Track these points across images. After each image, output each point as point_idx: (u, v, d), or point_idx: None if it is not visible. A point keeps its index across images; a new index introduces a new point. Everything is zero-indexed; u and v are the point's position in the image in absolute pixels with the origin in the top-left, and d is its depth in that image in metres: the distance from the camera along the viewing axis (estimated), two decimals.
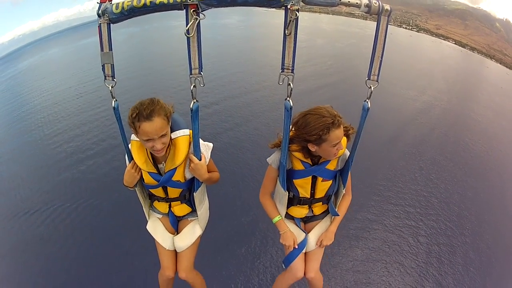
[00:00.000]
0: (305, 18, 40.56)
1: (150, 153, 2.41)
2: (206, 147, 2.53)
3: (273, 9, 1.92)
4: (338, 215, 2.74)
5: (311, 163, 2.49)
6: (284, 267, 2.83)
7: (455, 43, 42.30)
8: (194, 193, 2.60)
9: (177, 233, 2.85)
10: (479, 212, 6.72)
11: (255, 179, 6.81)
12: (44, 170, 8.38)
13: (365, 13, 1.96)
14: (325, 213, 2.87)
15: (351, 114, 2.31)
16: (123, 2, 1.84)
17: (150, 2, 1.79)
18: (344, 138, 2.41)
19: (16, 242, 6.06)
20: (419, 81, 16.23)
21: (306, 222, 2.90)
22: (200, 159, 2.40)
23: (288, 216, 2.82)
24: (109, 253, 5.49)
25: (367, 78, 2.13)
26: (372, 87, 2.14)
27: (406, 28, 48.00)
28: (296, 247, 2.70)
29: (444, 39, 43.78)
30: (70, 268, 5.28)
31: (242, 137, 9.07)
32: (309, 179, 2.56)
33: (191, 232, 2.79)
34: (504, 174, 8.42)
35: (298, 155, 2.45)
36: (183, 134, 2.43)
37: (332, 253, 5.23)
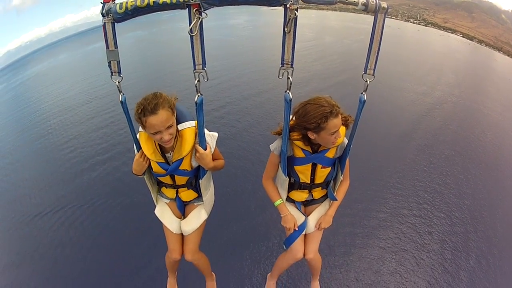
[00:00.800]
0: (312, 16, 40.49)
1: (158, 143, 2.47)
2: (211, 137, 2.58)
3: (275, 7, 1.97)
4: (337, 200, 2.82)
5: (311, 151, 2.56)
6: (285, 248, 2.92)
7: (463, 36, 41.67)
8: (200, 180, 2.67)
9: (184, 217, 2.92)
10: (491, 205, 6.66)
11: None
12: (58, 176, 8.52)
13: (362, 10, 1.98)
14: (324, 197, 2.94)
15: (365, 111, 2.33)
16: (126, 2, 1.87)
17: (153, 1, 1.82)
18: (343, 128, 2.47)
19: (32, 245, 6.19)
20: (430, 76, 16.09)
21: (306, 205, 2.98)
22: (205, 149, 2.47)
23: (289, 199, 2.90)
24: (119, 252, 5.63)
25: (363, 72, 2.18)
26: (368, 81, 2.19)
27: (413, 22, 47.46)
28: (297, 229, 2.80)
29: (452, 33, 43.20)
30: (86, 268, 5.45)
31: (255, 135, 9.12)
32: (309, 166, 2.63)
33: (197, 217, 2.87)
34: None
35: (299, 143, 2.52)
36: (189, 126, 2.48)
37: (346, 251, 5.30)
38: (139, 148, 2.53)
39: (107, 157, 8.83)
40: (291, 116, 2.39)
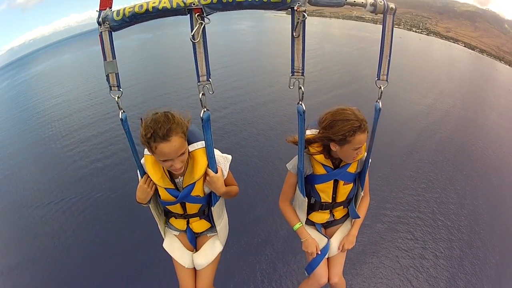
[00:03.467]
0: (314, 23, 40.58)
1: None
2: (224, 159, 2.38)
3: (280, 12, 1.86)
4: (359, 217, 2.71)
5: (332, 166, 2.44)
6: (307, 274, 2.76)
7: (464, 46, 41.65)
8: (212, 208, 2.44)
9: (196, 250, 2.70)
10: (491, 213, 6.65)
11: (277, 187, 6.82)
12: (61, 179, 8.38)
13: (371, 12, 1.92)
14: (346, 216, 2.83)
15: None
16: (124, 9, 1.77)
17: (153, 7, 1.72)
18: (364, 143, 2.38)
19: (32, 248, 6.11)
20: (431, 87, 15.87)
21: (327, 227, 2.86)
22: (216, 172, 2.26)
23: (309, 222, 2.77)
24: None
25: (376, 79, 2.11)
26: (382, 87, 2.11)
27: (416, 31, 47.52)
28: (319, 253, 2.67)
29: (453, 42, 43.29)
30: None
31: (266, 144, 8.99)
32: (331, 183, 2.51)
33: (211, 249, 2.65)
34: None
35: (319, 158, 2.40)
36: (201, 146, 2.26)
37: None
38: (143, 173, 2.33)
39: (112, 161, 8.70)
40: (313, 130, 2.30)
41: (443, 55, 30.60)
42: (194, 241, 2.70)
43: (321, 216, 2.72)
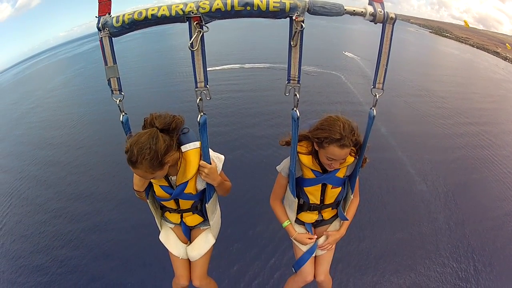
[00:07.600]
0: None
1: None
2: (217, 159, 2.47)
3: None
4: (347, 220, 2.77)
5: (321, 170, 2.48)
6: (294, 271, 2.88)
7: None
8: (206, 205, 2.56)
9: (190, 242, 2.85)
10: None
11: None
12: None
13: (370, 21, 1.94)
14: (335, 217, 2.89)
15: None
16: (123, 15, 1.79)
17: (152, 15, 1.74)
18: (349, 159, 2.42)
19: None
20: None
21: (316, 226, 2.91)
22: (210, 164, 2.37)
23: (299, 221, 2.85)
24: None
25: (372, 86, 2.12)
26: (377, 95, 2.13)
27: None
28: (314, 238, 2.78)
29: None
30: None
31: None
32: (319, 187, 2.57)
33: (204, 241, 2.79)
34: None
35: (308, 162, 2.44)
36: (193, 147, 2.34)
37: None
38: None
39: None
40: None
41: None
42: (188, 234, 2.85)
43: (310, 216, 2.80)
